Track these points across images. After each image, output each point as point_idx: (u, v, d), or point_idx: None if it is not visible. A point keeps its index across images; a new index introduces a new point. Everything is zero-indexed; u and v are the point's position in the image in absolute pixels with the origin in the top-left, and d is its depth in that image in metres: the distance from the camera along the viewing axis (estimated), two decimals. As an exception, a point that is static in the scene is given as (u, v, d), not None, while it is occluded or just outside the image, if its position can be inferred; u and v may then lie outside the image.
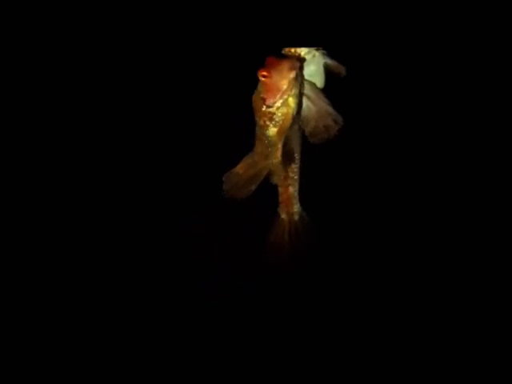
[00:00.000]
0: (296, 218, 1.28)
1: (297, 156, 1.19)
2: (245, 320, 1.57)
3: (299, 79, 1.07)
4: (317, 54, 1.15)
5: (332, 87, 1.18)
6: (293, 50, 1.13)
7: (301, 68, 1.09)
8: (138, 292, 1.59)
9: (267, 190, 1.22)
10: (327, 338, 1.54)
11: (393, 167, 1.56)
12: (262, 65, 1.05)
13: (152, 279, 1.61)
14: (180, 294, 1.60)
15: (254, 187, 1.17)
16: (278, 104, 1.05)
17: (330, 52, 1.16)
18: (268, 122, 1.08)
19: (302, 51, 1.13)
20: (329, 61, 1.17)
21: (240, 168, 1.16)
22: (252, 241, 1.39)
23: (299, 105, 1.10)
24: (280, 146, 1.10)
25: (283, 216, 1.28)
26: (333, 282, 1.55)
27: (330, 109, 1.14)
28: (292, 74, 1.03)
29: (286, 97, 1.05)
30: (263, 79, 1.04)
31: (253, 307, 1.57)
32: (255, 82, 1.07)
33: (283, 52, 1.13)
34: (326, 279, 1.53)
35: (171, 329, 1.58)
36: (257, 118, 1.10)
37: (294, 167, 1.21)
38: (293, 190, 1.25)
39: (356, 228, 1.56)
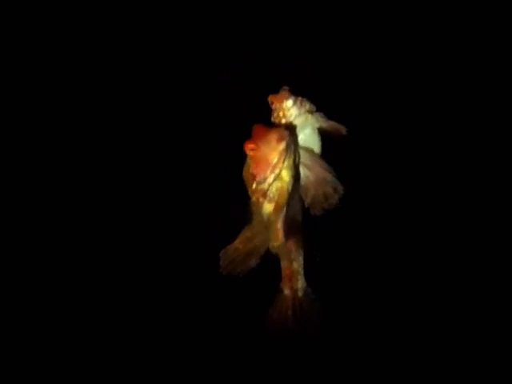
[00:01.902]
0: (300, 294, 1.13)
1: (299, 229, 1.06)
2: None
3: (291, 148, 0.95)
4: (310, 116, 1.04)
5: (331, 150, 1.07)
6: (281, 111, 1.02)
7: (292, 136, 0.97)
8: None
9: (269, 263, 1.09)
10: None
11: (401, 238, 1.42)
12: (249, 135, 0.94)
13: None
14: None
15: (253, 263, 1.04)
16: (270, 179, 0.94)
17: (324, 113, 1.06)
18: (261, 199, 0.97)
19: (292, 116, 1.02)
20: (324, 123, 1.06)
21: (239, 242, 1.03)
22: (253, 319, 1.25)
23: (296, 177, 0.98)
24: (279, 225, 0.98)
25: (286, 292, 1.14)
26: (337, 364, 1.39)
27: (329, 176, 1.02)
28: (282, 145, 0.91)
29: (277, 171, 0.93)
30: (251, 153, 0.93)
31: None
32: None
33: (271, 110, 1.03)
34: (330, 362, 1.37)
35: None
36: (250, 194, 0.99)
37: (297, 240, 1.08)
38: (297, 264, 1.11)
39: (365, 307, 1.41)
